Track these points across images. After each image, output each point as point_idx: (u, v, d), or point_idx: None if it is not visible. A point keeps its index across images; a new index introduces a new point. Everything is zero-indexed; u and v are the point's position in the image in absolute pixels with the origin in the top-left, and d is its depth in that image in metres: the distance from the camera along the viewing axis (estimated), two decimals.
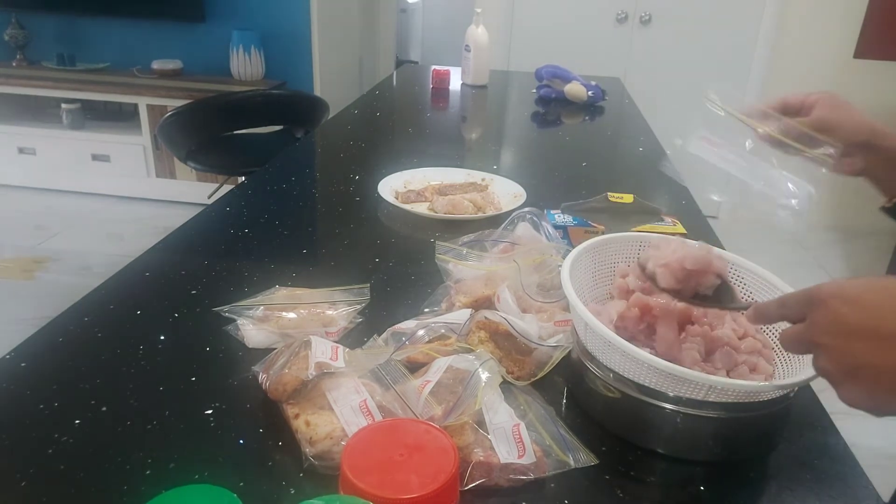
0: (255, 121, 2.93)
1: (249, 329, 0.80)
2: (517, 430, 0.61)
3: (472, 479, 0.59)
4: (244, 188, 1.34)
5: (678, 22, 3.53)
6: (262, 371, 0.70)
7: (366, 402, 0.63)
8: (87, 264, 3.00)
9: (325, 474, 0.60)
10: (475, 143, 1.91)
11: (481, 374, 0.64)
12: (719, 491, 0.63)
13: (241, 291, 0.88)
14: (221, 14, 3.69)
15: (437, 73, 2.36)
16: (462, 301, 0.84)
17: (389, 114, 2.13)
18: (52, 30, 3.85)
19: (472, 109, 2.28)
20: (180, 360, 0.77)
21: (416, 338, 0.75)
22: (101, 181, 3.68)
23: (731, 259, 0.81)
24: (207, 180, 3.49)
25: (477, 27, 2.30)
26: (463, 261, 0.89)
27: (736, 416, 0.63)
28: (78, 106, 3.60)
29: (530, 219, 0.99)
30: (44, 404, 0.68)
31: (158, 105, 3.42)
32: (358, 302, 0.86)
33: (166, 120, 2.62)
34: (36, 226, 3.38)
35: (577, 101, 2.16)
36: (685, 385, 0.61)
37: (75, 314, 0.84)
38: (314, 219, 1.25)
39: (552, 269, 0.86)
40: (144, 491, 0.58)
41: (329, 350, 0.68)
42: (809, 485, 0.64)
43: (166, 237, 1.07)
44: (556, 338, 0.79)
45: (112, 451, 0.62)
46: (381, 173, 1.33)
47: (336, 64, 4.03)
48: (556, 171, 1.58)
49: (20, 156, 3.68)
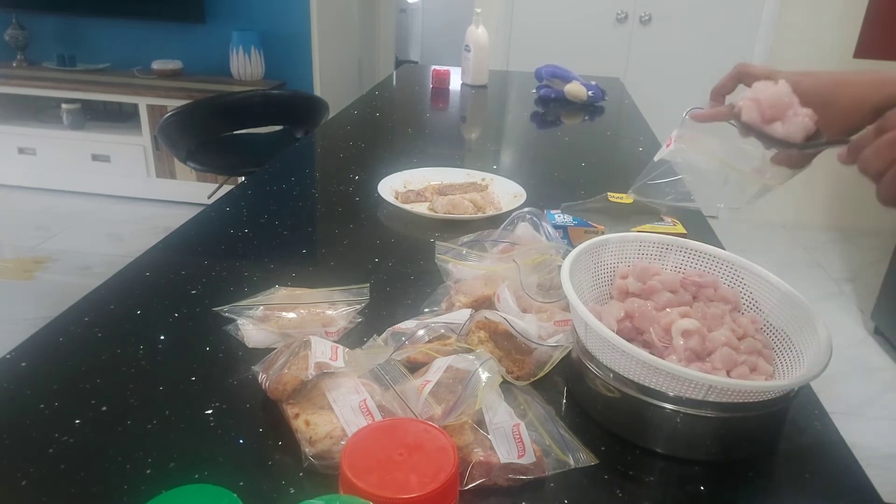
0: (255, 121, 2.94)
1: (249, 329, 0.80)
2: (517, 429, 0.61)
3: (471, 478, 0.59)
4: (244, 188, 1.34)
5: (678, 22, 3.53)
6: (262, 371, 0.70)
7: (365, 401, 0.63)
8: (86, 264, 3.00)
9: (324, 474, 0.60)
10: (475, 143, 1.91)
11: (481, 373, 0.64)
12: (719, 491, 0.63)
13: (241, 291, 0.88)
14: (221, 14, 3.69)
15: (436, 73, 2.36)
16: (462, 301, 0.84)
17: (389, 114, 2.13)
18: (52, 30, 3.85)
19: (472, 109, 2.28)
20: (180, 360, 0.77)
21: (415, 338, 0.75)
22: (101, 181, 3.68)
23: (731, 259, 0.81)
24: (207, 180, 3.49)
25: (477, 27, 2.30)
26: (463, 261, 0.89)
27: (736, 416, 0.63)
28: (78, 106, 3.61)
29: (530, 219, 0.99)
30: (44, 404, 0.68)
31: (158, 105, 3.43)
32: (358, 302, 0.86)
33: (166, 120, 2.62)
34: (36, 226, 3.38)
35: (577, 101, 2.16)
36: (685, 385, 0.61)
37: (75, 314, 0.84)
38: (314, 219, 1.25)
39: (552, 269, 0.86)
40: (144, 491, 0.58)
41: (329, 350, 0.68)
42: (809, 485, 0.64)
43: (166, 237, 1.07)
44: (556, 338, 0.79)
45: (112, 451, 0.62)
46: (381, 173, 1.33)
47: (336, 64, 4.03)
48: (556, 171, 1.58)
49: (20, 156, 3.68)
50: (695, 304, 0.77)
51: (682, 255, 0.84)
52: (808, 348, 0.70)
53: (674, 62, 3.58)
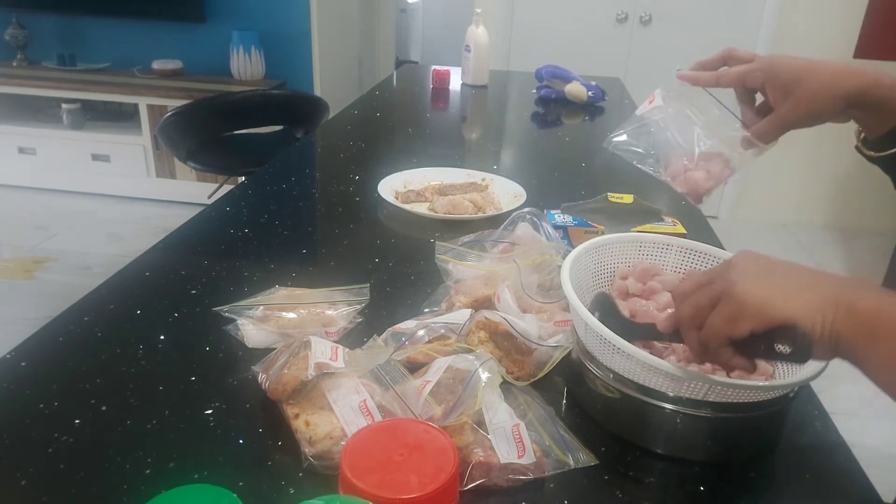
0: (255, 121, 2.94)
1: (249, 329, 0.80)
2: (517, 430, 0.61)
3: (471, 479, 0.59)
4: (244, 188, 1.34)
5: (678, 22, 3.53)
6: (261, 371, 0.70)
7: (365, 402, 0.63)
8: (86, 264, 3.00)
9: (324, 474, 0.60)
10: (475, 143, 1.91)
11: (481, 374, 0.64)
12: (719, 491, 0.63)
13: (241, 291, 0.88)
14: (221, 14, 3.69)
15: (437, 73, 2.36)
16: (462, 301, 0.84)
17: (389, 114, 2.13)
18: (52, 30, 3.85)
19: (472, 109, 2.28)
20: (180, 360, 0.77)
21: (415, 338, 0.75)
22: (101, 181, 3.68)
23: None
24: (207, 180, 3.49)
25: (477, 27, 2.30)
26: (463, 261, 0.89)
27: (736, 416, 0.63)
28: (78, 106, 3.60)
29: (530, 219, 0.99)
30: (44, 404, 0.68)
31: (158, 105, 3.42)
32: (358, 302, 0.86)
33: (166, 120, 2.62)
34: (36, 226, 3.38)
35: (577, 102, 2.16)
36: (685, 385, 0.61)
37: (75, 314, 0.84)
38: (314, 219, 1.25)
39: (552, 269, 0.86)
40: (144, 491, 0.58)
41: (329, 350, 0.68)
42: (809, 485, 0.64)
43: (166, 237, 1.07)
44: (556, 338, 0.79)
45: (112, 451, 0.62)
46: (381, 173, 1.33)
47: (336, 64, 4.03)
48: (556, 171, 1.58)
49: (20, 156, 3.68)
50: None
51: (682, 255, 0.84)
52: None
53: (674, 62, 3.56)
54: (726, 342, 0.56)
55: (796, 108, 0.72)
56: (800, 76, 0.71)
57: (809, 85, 0.70)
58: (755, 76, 0.74)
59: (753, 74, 0.74)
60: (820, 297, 0.53)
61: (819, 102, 0.71)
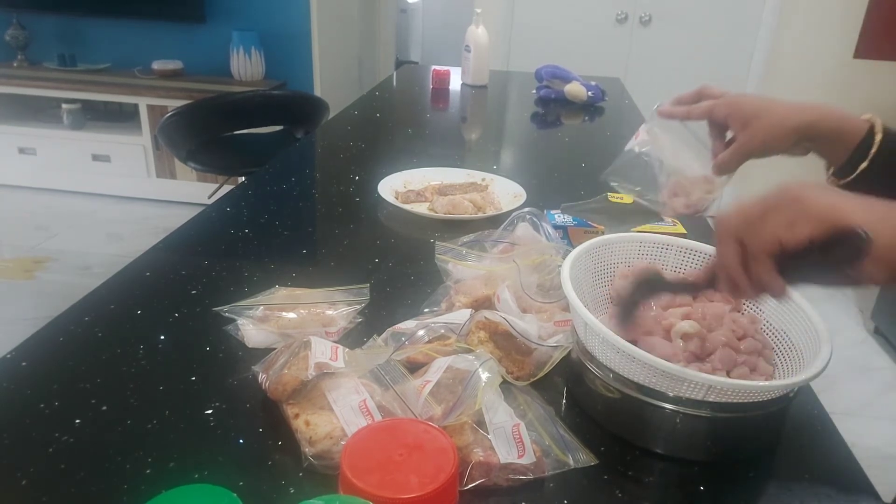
0: (255, 121, 2.94)
1: (249, 329, 0.80)
2: (517, 430, 0.61)
3: (471, 478, 0.59)
4: (244, 188, 1.34)
5: (678, 22, 3.53)
6: (262, 371, 0.70)
7: (365, 402, 0.63)
8: (86, 264, 3.00)
9: (324, 474, 0.60)
10: (475, 143, 1.91)
11: (481, 374, 0.64)
12: (719, 491, 0.63)
13: (241, 291, 0.88)
14: (221, 14, 3.69)
15: (437, 73, 2.36)
16: (462, 301, 0.84)
17: (389, 114, 2.13)
18: (52, 30, 3.85)
19: (472, 109, 2.28)
20: (180, 360, 0.77)
21: (415, 338, 0.75)
22: (102, 181, 3.68)
23: None
24: (207, 180, 3.49)
25: (477, 27, 2.30)
26: (463, 261, 0.89)
27: (736, 417, 0.63)
28: (78, 106, 3.61)
29: (530, 219, 0.99)
30: (44, 404, 0.68)
31: (159, 105, 3.43)
32: (358, 302, 0.86)
33: (166, 120, 2.62)
34: (36, 226, 3.38)
35: (577, 102, 2.16)
36: (685, 385, 0.62)
37: (75, 314, 0.84)
38: (314, 219, 1.25)
39: (552, 269, 0.86)
40: (144, 491, 0.58)
41: (329, 350, 0.68)
42: (809, 485, 0.64)
43: (166, 237, 1.07)
44: (556, 338, 0.79)
45: (112, 451, 0.62)
46: (381, 173, 1.33)
47: (336, 64, 4.03)
48: (556, 171, 1.58)
49: (20, 156, 3.68)
50: (695, 304, 0.77)
51: (682, 255, 0.84)
52: (807, 348, 0.70)
53: (674, 62, 3.58)
54: (775, 250, 0.52)
55: (753, 137, 0.80)
56: (758, 111, 0.80)
57: (766, 118, 0.79)
58: (720, 109, 0.83)
59: (719, 108, 0.83)
60: (893, 214, 0.50)
61: (773, 132, 0.79)
